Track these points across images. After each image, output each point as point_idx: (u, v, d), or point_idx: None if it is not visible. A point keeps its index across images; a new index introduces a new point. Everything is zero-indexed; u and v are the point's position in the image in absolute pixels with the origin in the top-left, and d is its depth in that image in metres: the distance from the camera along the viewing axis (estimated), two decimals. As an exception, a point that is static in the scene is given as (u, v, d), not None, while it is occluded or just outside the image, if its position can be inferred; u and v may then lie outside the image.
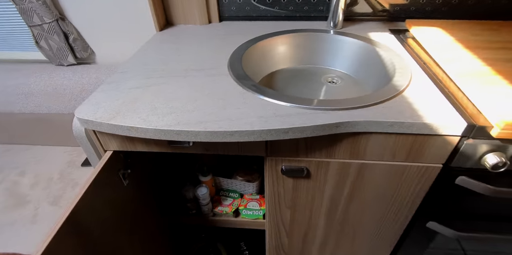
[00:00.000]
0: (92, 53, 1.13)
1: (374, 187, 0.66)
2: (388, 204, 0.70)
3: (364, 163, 0.61)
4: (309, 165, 0.62)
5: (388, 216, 0.72)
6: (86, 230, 0.53)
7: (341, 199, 0.69)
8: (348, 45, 0.87)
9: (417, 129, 0.53)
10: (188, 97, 0.59)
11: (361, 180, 0.64)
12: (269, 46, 0.86)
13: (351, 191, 0.68)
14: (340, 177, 0.64)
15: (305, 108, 0.55)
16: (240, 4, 0.97)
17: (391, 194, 0.67)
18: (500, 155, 0.53)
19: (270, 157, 0.61)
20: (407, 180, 0.63)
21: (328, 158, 0.60)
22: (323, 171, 0.63)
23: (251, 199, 0.92)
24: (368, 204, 0.70)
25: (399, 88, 0.61)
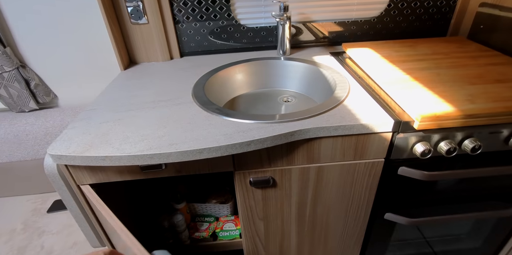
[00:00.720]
0: (55, 97, 1.16)
1: (333, 187, 0.74)
2: (348, 201, 0.77)
3: (320, 166, 0.69)
4: (274, 174, 0.69)
5: (351, 214, 0.80)
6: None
7: (306, 203, 0.76)
8: (297, 68, 1.00)
9: (357, 130, 0.63)
10: (158, 124, 0.65)
11: (321, 182, 0.72)
12: (228, 75, 0.96)
13: (314, 194, 0.75)
14: (303, 182, 0.72)
15: (264, 123, 0.64)
16: (198, 41, 1.09)
17: (348, 191, 0.75)
18: (425, 144, 0.64)
19: (238, 171, 0.68)
20: (359, 176, 0.72)
21: (289, 165, 0.68)
22: (287, 178, 0.70)
23: (227, 220, 0.94)
24: (331, 204, 0.78)
25: (340, 99, 0.72)
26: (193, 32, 1.06)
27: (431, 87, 0.72)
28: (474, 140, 0.65)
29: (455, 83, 0.73)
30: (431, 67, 0.83)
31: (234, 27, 1.07)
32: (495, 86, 0.71)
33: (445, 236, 0.91)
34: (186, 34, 1.07)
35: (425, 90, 0.71)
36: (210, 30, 1.06)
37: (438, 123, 0.62)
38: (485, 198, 0.80)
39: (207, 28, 1.06)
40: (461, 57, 0.89)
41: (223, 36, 1.09)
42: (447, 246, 0.95)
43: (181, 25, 1.05)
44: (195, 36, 1.07)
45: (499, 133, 0.66)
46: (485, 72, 0.79)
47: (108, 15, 0.92)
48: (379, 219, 0.81)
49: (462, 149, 0.67)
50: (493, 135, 0.66)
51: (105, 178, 0.65)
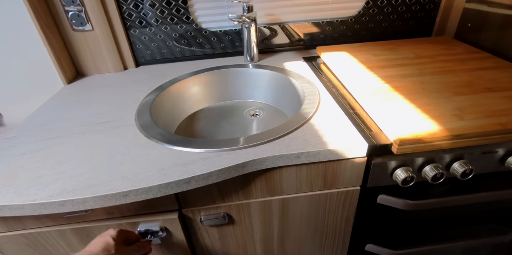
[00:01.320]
0: (0, 115, 1.03)
1: (302, 221, 0.63)
2: (321, 234, 0.66)
3: (284, 198, 0.58)
4: (229, 210, 0.57)
5: (326, 247, 0.69)
6: None
7: (273, 239, 0.65)
8: (264, 76, 0.88)
9: (324, 157, 0.52)
10: (83, 157, 0.53)
11: (287, 215, 0.61)
12: (184, 87, 0.85)
13: (281, 229, 0.63)
14: (265, 216, 0.60)
15: (209, 152, 0.52)
16: (155, 48, 0.96)
17: (321, 224, 0.64)
18: (407, 169, 0.54)
19: (185, 209, 0.56)
20: (331, 207, 0.61)
21: (247, 199, 0.57)
22: (246, 213, 0.59)
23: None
24: (303, 238, 0.66)
25: (306, 116, 0.61)
26: (148, 39, 0.94)
27: (413, 99, 0.61)
28: (464, 163, 0.54)
29: (440, 93, 0.63)
30: (414, 73, 0.73)
31: (195, 32, 0.95)
32: (486, 96, 0.61)
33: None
34: (140, 40, 0.94)
35: (406, 103, 0.60)
36: (167, 35, 0.94)
37: (421, 147, 0.51)
38: (480, 222, 0.70)
39: (164, 33, 0.94)
40: (447, 61, 0.78)
41: (183, 42, 0.97)
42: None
43: (134, 31, 0.92)
44: (151, 43, 0.95)
45: (494, 153, 0.56)
46: (475, 78, 0.68)
47: (42, 22, 0.80)
48: (359, 251, 0.70)
49: (451, 172, 0.56)
50: (486, 155, 0.56)
51: (20, 227, 0.53)
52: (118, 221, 0.54)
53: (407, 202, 0.57)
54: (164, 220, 0.54)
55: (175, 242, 0.58)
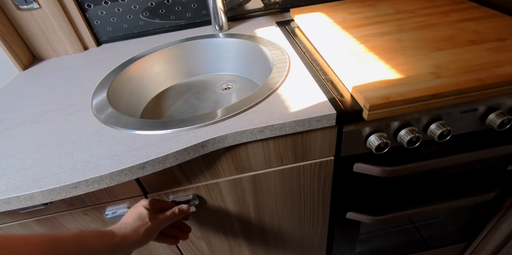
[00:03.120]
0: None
1: (278, 195, 0.61)
2: (300, 207, 0.65)
3: (255, 174, 0.55)
4: (198, 191, 0.55)
5: (306, 219, 0.68)
6: None
7: (250, 216, 0.63)
8: (234, 46, 0.81)
9: (290, 129, 0.48)
10: (31, 149, 0.49)
11: (261, 192, 0.58)
12: (147, 65, 0.78)
13: (256, 206, 0.62)
14: (238, 194, 0.58)
15: (166, 133, 0.48)
16: (115, 23, 0.88)
17: (297, 197, 0.62)
18: (380, 135, 0.50)
19: (151, 194, 0.53)
20: (306, 180, 0.58)
21: (215, 179, 0.54)
22: (217, 193, 0.56)
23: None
24: (281, 213, 0.65)
25: (273, 86, 0.56)
26: (106, 14, 0.86)
27: (388, 59, 0.56)
28: (442, 125, 0.51)
29: (418, 50, 0.57)
30: (392, 31, 0.66)
31: (156, 2, 0.86)
32: (467, 49, 0.55)
33: (420, 222, 0.80)
34: (97, 16, 0.86)
35: (381, 63, 0.55)
36: (126, 8, 0.86)
37: (393, 111, 0.47)
38: (462, 183, 0.68)
39: (122, 6, 0.85)
40: (429, 14, 0.71)
41: (145, 14, 0.88)
42: (425, 231, 0.85)
43: (88, 6, 0.84)
44: (110, 18, 0.87)
45: (474, 111, 0.52)
46: (457, 31, 0.62)
47: (-21, 2, 0.71)
48: (341, 220, 0.69)
49: (428, 135, 0.53)
50: (466, 114, 0.52)
51: (-24, 224, 0.50)
52: (83, 208, 0.51)
53: (385, 169, 0.55)
54: (131, 201, 0.52)
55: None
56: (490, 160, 0.64)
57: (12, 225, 0.51)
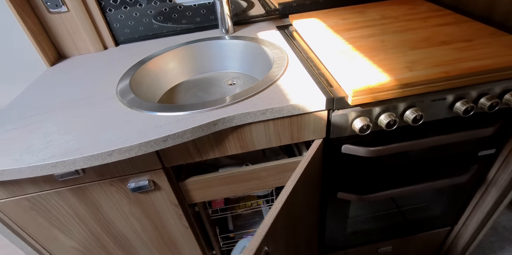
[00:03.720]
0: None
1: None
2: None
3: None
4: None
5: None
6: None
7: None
8: (239, 47, 0.92)
9: (288, 112, 0.57)
10: (69, 127, 0.59)
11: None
12: (162, 62, 0.88)
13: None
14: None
15: (184, 114, 0.58)
16: (132, 26, 0.99)
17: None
18: (364, 119, 0.59)
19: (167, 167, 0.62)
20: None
21: (222, 155, 0.63)
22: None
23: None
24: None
25: (273, 78, 0.66)
26: (124, 17, 0.96)
27: (371, 56, 0.66)
28: (415, 110, 0.60)
29: (397, 49, 0.67)
30: (377, 33, 0.77)
31: (170, 7, 0.97)
32: (439, 49, 0.65)
33: (406, 206, 0.89)
34: (116, 20, 0.96)
35: (365, 60, 0.65)
36: (143, 13, 0.96)
37: (373, 96, 0.56)
38: (439, 167, 0.77)
39: (139, 11, 0.96)
40: (410, 20, 0.82)
41: (159, 19, 0.99)
42: (410, 216, 0.94)
43: (109, 10, 0.94)
44: (128, 21, 0.97)
45: (443, 100, 0.62)
46: (432, 34, 0.72)
47: (17, 6, 0.82)
48: (332, 199, 0.78)
49: (405, 120, 0.62)
50: (436, 102, 0.62)
51: (21, 191, 0.59)
52: (110, 180, 0.60)
53: (368, 150, 0.64)
54: (151, 174, 0.61)
55: (164, 193, 0.65)
56: (462, 145, 0.73)
57: (49, 193, 0.60)
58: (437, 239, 1.07)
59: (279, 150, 0.80)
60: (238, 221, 1.02)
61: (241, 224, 1.01)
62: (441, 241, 1.09)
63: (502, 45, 0.63)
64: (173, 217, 0.71)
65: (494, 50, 0.62)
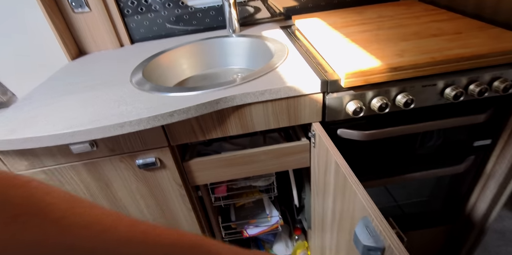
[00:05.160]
0: (13, 95, 1.15)
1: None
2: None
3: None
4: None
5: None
6: None
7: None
8: (244, 44, 0.98)
9: (285, 93, 0.62)
10: (86, 105, 0.65)
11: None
12: (173, 57, 0.95)
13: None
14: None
15: (189, 95, 0.63)
16: (147, 26, 1.07)
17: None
18: (357, 102, 0.63)
19: (174, 145, 0.67)
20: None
21: (224, 135, 0.67)
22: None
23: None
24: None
25: (273, 66, 0.71)
26: (140, 18, 1.05)
27: (365, 47, 0.70)
28: (406, 95, 0.64)
29: (390, 41, 0.72)
30: (373, 29, 0.82)
31: (182, 9, 1.05)
32: (429, 40, 0.70)
33: (405, 200, 0.90)
34: (133, 20, 1.05)
35: (359, 49, 0.69)
36: (157, 14, 1.05)
37: (365, 79, 0.61)
38: (435, 156, 0.80)
39: (154, 12, 1.04)
40: (405, 18, 0.87)
41: (171, 19, 1.07)
42: (409, 210, 0.95)
43: (127, 11, 1.03)
44: (143, 22, 1.06)
45: (433, 86, 0.65)
46: (424, 29, 0.77)
47: (46, 5, 0.91)
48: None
49: (396, 105, 0.66)
50: (426, 88, 0.65)
51: (39, 164, 0.65)
52: (120, 155, 0.65)
53: (363, 133, 0.67)
54: (158, 152, 0.66)
55: (169, 171, 0.69)
56: (456, 133, 0.75)
57: (65, 166, 0.66)
58: (438, 237, 1.06)
59: (279, 138, 0.84)
60: (241, 212, 1.05)
61: (243, 215, 1.04)
62: (442, 240, 1.08)
63: (490, 37, 0.67)
64: (177, 197, 0.75)
65: (481, 40, 0.66)
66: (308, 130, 0.70)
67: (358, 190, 0.49)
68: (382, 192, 0.89)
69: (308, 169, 0.76)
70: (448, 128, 0.73)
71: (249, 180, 0.87)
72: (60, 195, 0.23)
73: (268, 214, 0.98)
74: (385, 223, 0.43)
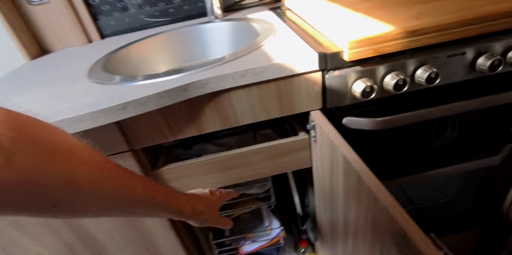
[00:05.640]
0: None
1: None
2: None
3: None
4: (184, 146, 0.54)
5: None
6: None
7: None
8: (226, 29, 0.85)
9: (272, 73, 0.48)
10: (26, 102, 0.51)
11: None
12: (144, 48, 0.82)
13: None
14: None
15: (151, 82, 0.49)
16: (117, 18, 0.94)
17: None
18: (366, 80, 0.49)
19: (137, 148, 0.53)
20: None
21: (201, 132, 0.53)
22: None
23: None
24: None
25: (258, 44, 0.57)
26: (109, 9, 0.92)
27: (371, 14, 0.56)
28: (428, 67, 0.50)
29: (402, 5, 0.58)
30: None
31: (155, -4, 0.92)
32: (450, 1, 0.56)
33: (426, 203, 0.76)
34: (101, 11, 0.92)
35: (365, 17, 0.56)
36: (128, 3, 0.92)
37: (374, 48, 0.47)
38: (464, 146, 0.65)
39: (124, 0, 0.91)
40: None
41: (145, 8, 0.94)
42: (432, 213, 0.79)
43: (93, 1, 0.90)
44: (113, 12, 0.93)
45: (461, 55, 0.51)
46: (440, -9, 0.63)
47: (-6, -4, 0.79)
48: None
49: (417, 82, 0.51)
50: (453, 59, 0.51)
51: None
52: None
53: (375, 121, 0.53)
54: (117, 159, 0.52)
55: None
56: (490, 116, 0.61)
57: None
58: (467, 243, 0.90)
59: (273, 135, 0.70)
60: (236, 225, 0.90)
61: (239, 228, 0.89)
62: (471, 246, 0.92)
63: (527, -9, 0.53)
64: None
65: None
66: (307, 122, 0.56)
67: (379, 192, 0.35)
68: (396, 193, 0.74)
69: (310, 170, 0.62)
70: (481, 110, 0.58)
71: (241, 188, 0.73)
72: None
73: (268, 226, 0.83)
74: (427, 242, 0.29)
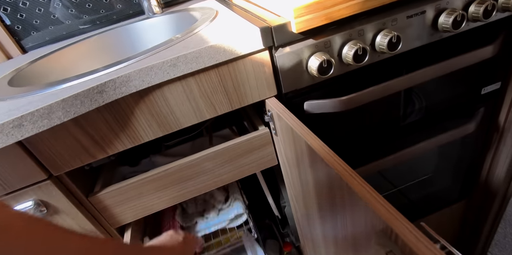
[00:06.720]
0: None
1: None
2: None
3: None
4: (119, 162, 0.44)
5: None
6: None
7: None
8: (166, 24, 0.76)
9: (210, 58, 0.39)
10: None
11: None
12: (69, 55, 0.70)
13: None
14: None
15: (57, 90, 0.39)
16: (39, 26, 0.81)
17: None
18: (321, 55, 0.42)
19: (59, 174, 0.42)
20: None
21: (136, 143, 0.43)
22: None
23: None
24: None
25: (194, 29, 0.48)
26: (26, 16, 0.79)
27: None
28: (388, 32, 0.43)
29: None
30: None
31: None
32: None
33: (407, 183, 0.70)
34: (17, 20, 0.79)
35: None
36: (47, 7, 0.79)
37: (325, 14, 0.39)
38: (437, 117, 0.60)
39: (42, 5, 0.79)
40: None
41: (70, 12, 0.82)
42: (414, 195, 0.74)
43: (4, 10, 0.77)
44: (32, 21, 0.80)
45: (421, 14, 0.45)
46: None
47: None
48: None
49: (378, 50, 0.45)
50: (413, 19, 0.45)
51: None
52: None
53: (339, 100, 0.46)
54: (36, 191, 0.40)
55: (67, 216, 0.44)
56: (460, 80, 0.56)
57: None
58: (454, 216, 0.86)
59: (231, 134, 0.61)
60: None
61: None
62: (460, 218, 0.89)
63: None
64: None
65: None
66: (264, 113, 0.47)
67: (353, 182, 0.27)
68: (376, 177, 0.68)
69: (279, 167, 0.53)
70: (449, 75, 0.53)
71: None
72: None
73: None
74: (418, 236, 0.22)
